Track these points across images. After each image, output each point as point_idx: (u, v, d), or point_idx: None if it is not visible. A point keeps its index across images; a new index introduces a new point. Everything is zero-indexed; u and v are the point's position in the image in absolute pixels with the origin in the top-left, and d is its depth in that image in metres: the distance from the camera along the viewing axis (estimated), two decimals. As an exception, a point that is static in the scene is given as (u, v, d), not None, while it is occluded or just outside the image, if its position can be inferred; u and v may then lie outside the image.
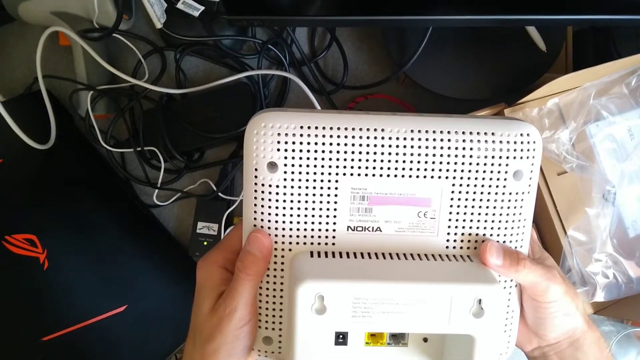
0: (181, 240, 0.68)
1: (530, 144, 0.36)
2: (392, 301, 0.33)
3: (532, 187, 0.37)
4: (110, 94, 0.63)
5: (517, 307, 0.39)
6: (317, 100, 0.63)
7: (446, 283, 0.34)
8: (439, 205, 0.37)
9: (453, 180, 0.36)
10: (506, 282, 0.38)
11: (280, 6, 0.53)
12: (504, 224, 0.37)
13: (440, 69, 0.60)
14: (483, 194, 0.36)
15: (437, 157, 0.36)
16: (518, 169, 0.36)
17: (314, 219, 0.37)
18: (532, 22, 0.54)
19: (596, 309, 0.58)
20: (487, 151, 0.36)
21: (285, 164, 0.35)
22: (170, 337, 0.61)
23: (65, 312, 0.57)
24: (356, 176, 0.36)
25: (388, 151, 0.35)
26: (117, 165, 0.65)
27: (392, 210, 0.37)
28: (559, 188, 0.56)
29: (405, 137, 0.35)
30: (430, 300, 0.33)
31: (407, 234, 0.37)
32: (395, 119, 0.36)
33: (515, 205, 0.37)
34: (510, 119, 0.38)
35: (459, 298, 0.33)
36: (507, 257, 0.36)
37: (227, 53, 0.64)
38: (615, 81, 0.53)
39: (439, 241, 0.37)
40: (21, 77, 0.67)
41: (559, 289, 0.37)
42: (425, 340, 0.38)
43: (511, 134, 0.36)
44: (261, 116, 0.36)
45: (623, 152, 0.54)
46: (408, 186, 0.36)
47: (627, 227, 0.55)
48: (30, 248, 0.56)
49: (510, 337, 0.40)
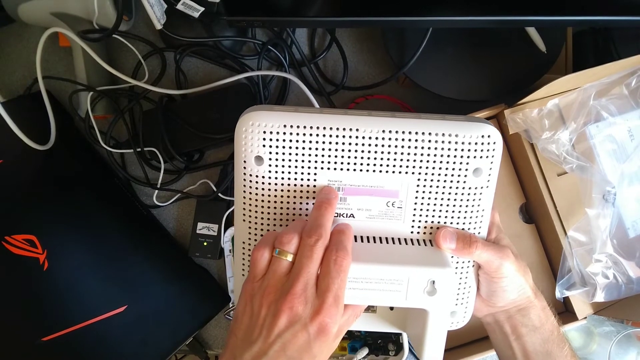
0: (181, 241, 0.68)
1: (490, 145, 0.40)
2: (359, 279, 0.38)
3: (490, 182, 0.41)
4: (110, 94, 0.63)
5: (474, 283, 0.44)
6: (317, 100, 0.63)
7: (405, 265, 0.38)
8: (405, 196, 0.42)
9: (418, 175, 0.41)
10: (463, 263, 0.44)
11: (280, 7, 0.53)
12: (463, 214, 0.42)
13: (440, 70, 0.60)
14: (445, 187, 0.41)
15: (404, 154, 0.40)
16: (478, 166, 0.40)
17: (295, 205, 0.41)
18: (532, 23, 0.54)
19: (596, 309, 0.58)
20: (449, 150, 0.40)
21: (270, 157, 0.40)
22: (170, 337, 0.61)
23: (65, 312, 0.57)
24: (332, 170, 0.41)
25: (361, 149, 0.40)
26: (117, 165, 0.65)
27: (364, 200, 0.42)
28: (559, 189, 0.56)
29: (377, 136, 0.40)
30: (392, 279, 0.38)
31: (376, 220, 0.42)
32: (369, 120, 0.40)
33: (474, 198, 0.42)
34: (474, 120, 0.41)
35: (415, 278, 0.38)
36: (460, 241, 0.41)
37: (227, 54, 0.64)
38: (615, 82, 0.53)
39: (404, 227, 0.43)
40: (21, 78, 0.67)
41: (511, 265, 0.42)
42: (391, 308, 0.45)
43: (472, 135, 0.40)
44: (249, 115, 0.40)
45: (623, 152, 0.54)
46: (378, 179, 0.41)
47: (627, 227, 0.55)
48: (30, 248, 0.56)
49: (467, 309, 0.46)
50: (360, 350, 0.58)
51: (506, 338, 0.45)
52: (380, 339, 0.59)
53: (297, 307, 0.35)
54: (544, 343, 0.44)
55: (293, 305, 0.34)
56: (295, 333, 0.34)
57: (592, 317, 0.58)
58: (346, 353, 0.59)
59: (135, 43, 0.65)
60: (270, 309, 0.35)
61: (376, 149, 0.40)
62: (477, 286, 0.45)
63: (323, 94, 0.66)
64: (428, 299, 0.38)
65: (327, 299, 0.35)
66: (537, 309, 0.44)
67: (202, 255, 0.65)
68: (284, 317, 0.35)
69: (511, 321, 0.45)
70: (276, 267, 0.36)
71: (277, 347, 0.34)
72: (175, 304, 0.62)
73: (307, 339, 0.34)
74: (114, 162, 0.65)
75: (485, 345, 0.58)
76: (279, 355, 0.34)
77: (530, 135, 0.53)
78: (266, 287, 0.36)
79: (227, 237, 0.64)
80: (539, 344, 0.44)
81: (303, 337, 0.34)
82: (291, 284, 0.35)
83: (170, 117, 0.62)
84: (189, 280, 0.64)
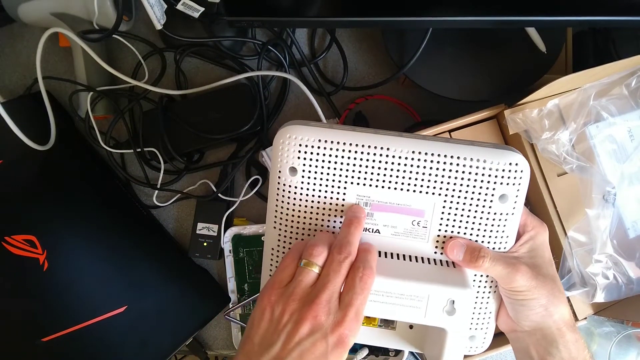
0: (181, 241, 0.68)
1: (517, 172, 0.41)
2: (381, 292, 0.39)
3: (516, 209, 0.42)
4: (110, 95, 0.63)
5: (494, 308, 0.45)
6: (317, 101, 0.63)
7: (426, 283, 0.39)
8: (430, 217, 0.42)
9: (445, 197, 0.41)
10: (485, 287, 0.44)
11: (280, 7, 0.53)
12: (487, 239, 0.43)
13: (440, 70, 0.60)
14: (470, 211, 0.42)
15: (432, 176, 0.41)
16: (504, 193, 0.41)
17: (324, 217, 0.43)
18: (532, 23, 0.54)
19: (596, 309, 0.58)
20: (476, 175, 0.41)
21: (303, 169, 0.42)
22: (170, 337, 0.61)
23: (65, 312, 0.57)
24: (362, 185, 0.42)
25: (391, 167, 0.41)
26: (117, 166, 0.65)
27: (390, 217, 0.43)
28: (559, 189, 0.56)
29: (407, 156, 0.41)
30: (412, 295, 0.39)
31: (401, 238, 0.43)
32: (399, 140, 0.41)
33: (499, 224, 0.42)
34: (503, 147, 0.42)
35: (435, 296, 0.39)
36: (468, 253, 0.41)
37: (226, 54, 0.64)
38: (615, 82, 0.53)
39: (428, 247, 0.43)
40: (21, 78, 0.67)
41: (524, 279, 0.41)
42: (411, 327, 0.45)
43: (500, 162, 0.40)
44: (287, 128, 0.42)
45: (623, 153, 0.54)
46: (406, 198, 0.42)
47: (627, 228, 0.55)
48: (30, 249, 0.56)
49: (487, 334, 0.46)
50: (360, 350, 0.58)
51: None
52: (380, 340, 0.59)
53: (321, 317, 0.35)
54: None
55: (317, 314, 0.35)
56: (314, 342, 0.35)
57: (592, 318, 0.58)
58: (346, 353, 0.59)
59: (135, 43, 0.65)
60: (292, 316, 0.36)
61: (405, 168, 0.41)
62: (500, 304, 0.45)
63: (323, 94, 0.66)
64: (447, 319, 0.39)
65: (349, 312, 0.36)
66: (568, 342, 0.42)
67: (202, 255, 0.65)
68: (307, 325, 0.35)
69: (537, 347, 0.43)
70: (303, 277, 0.37)
71: (295, 355, 0.35)
72: (175, 305, 0.62)
73: (325, 350, 0.35)
74: (114, 163, 0.65)
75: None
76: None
77: (530, 135, 0.53)
78: (290, 294, 0.37)
79: (227, 237, 0.64)
80: None
81: (322, 346, 0.35)
82: (316, 294, 0.36)
83: (170, 117, 0.62)
84: (189, 280, 0.64)
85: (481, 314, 0.45)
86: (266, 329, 0.37)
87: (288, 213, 0.43)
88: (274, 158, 0.42)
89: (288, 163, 0.42)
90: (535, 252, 0.44)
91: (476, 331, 0.46)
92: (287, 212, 0.43)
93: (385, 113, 0.67)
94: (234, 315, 0.65)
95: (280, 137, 0.42)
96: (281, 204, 0.43)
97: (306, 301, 0.36)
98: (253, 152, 0.65)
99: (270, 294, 0.38)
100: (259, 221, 0.66)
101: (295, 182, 0.42)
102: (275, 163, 0.42)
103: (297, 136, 0.41)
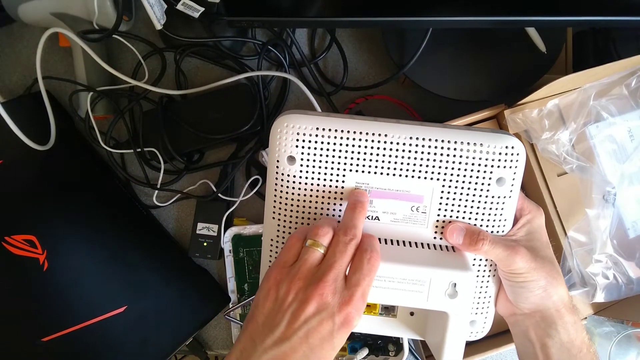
0: (181, 241, 0.68)
1: (513, 155, 0.41)
2: (383, 278, 0.39)
3: (513, 192, 0.42)
4: (110, 95, 0.63)
5: (494, 293, 0.45)
6: (317, 101, 0.63)
7: (428, 267, 0.39)
8: (429, 202, 0.43)
9: (443, 182, 0.42)
10: (484, 271, 0.44)
11: (280, 7, 0.53)
12: (485, 222, 0.43)
13: (440, 70, 0.60)
14: (469, 195, 0.42)
15: (430, 161, 0.41)
16: (501, 176, 0.41)
17: (323, 205, 0.43)
18: (532, 23, 0.54)
19: (596, 309, 0.58)
20: (474, 159, 0.41)
21: (301, 158, 0.41)
22: (170, 337, 0.61)
23: (65, 312, 0.57)
24: (360, 172, 0.42)
25: (389, 153, 0.41)
26: (117, 166, 0.65)
27: (390, 203, 0.43)
28: (559, 189, 0.56)
29: (404, 142, 0.41)
30: (414, 280, 0.39)
31: (401, 224, 0.43)
32: (397, 126, 0.41)
33: (497, 207, 0.43)
34: (499, 132, 0.42)
35: (437, 280, 0.39)
36: (467, 237, 0.41)
37: (227, 54, 0.64)
38: (615, 82, 0.53)
39: (428, 232, 0.43)
40: (21, 78, 0.67)
41: (523, 260, 0.41)
42: (411, 314, 0.45)
43: (497, 145, 0.41)
44: (285, 117, 0.41)
45: (623, 153, 0.54)
46: (404, 184, 0.42)
47: (627, 228, 0.55)
48: (30, 249, 0.56)
49: (487, 319, 0.46)
50: (361, 350, 0.58)
51: (531, 345, 0.43)
52: (380, 340, 0.59)
53: (327, 296, 0.35)
54: (571, 359, 0.42)
55: (323, 293, 0.35)
56: (321, 321, 0.35)
57: (592, 318, 0.58)
58: (346, 353, 0.59)
59: (135, 43, 0.65)
60: (298, 295, 0.36)
61: (403, 154, 0.41)
62: (499, 288, 0.45)
63: (323, 94, 0.66)
64: (449, 302, 0.39)
65: (356, 292, 0.35)
66: (567, 324, 0.42)
67: (202, 255, 0.65)
68: (313, 304, 0.35)
69: (537, 329, 0.43)
70: (308, 256, 0.37)
71: (301, 334, 0.35)
72: (175, 305, 0.62)
73: (331, 329, 0.35)
74: (114, 163, 0.65)
75: (484, 346, 0.58)
76: (301, 342, 0.35)
77: (530, 135, 0.53)
78: (295, 273, 0.36)
79: (227, 237, 0.64)
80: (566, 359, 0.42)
81: (328, 325, 0.35)
82: (322, 273, 0.36)
83: (170, 118, 0.62)
84: (189, 280, 0.64)
85: (481, 299, 0.45)
86: (271, 308, 0.36)
87: (287, 203, 0.43)
88: (272, 147, 0.42)
89: (286, 152, 0.41)
90: (532, 235, 0.44)
91: (476, 316, 0.46)
92: (286, 202, 0.43)
93: (385, 113, 0.67)
94: (234, 315, 0.65)
95: (278, 126, 0.41)
96: (280, 194, 0.43)
97: (312, 280, 0.36)
98: (253, 152, 0.65)
99: (275, 273, 0.37)
100: (259, 221, 0.66)
101: (293, 171, 0.42)
102: (273, 152, 0.42)
103: (294, 125, 0.41)
